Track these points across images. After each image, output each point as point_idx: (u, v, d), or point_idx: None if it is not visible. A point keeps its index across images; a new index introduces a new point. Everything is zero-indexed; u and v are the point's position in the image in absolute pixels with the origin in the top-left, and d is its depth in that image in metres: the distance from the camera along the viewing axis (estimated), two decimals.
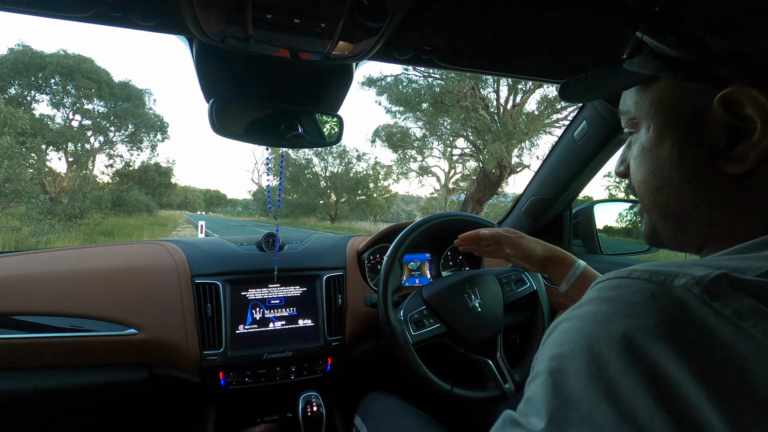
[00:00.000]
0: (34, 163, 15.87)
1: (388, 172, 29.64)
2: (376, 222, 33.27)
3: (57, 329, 0.88)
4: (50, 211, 12.25)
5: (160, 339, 0.92)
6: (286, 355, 1.02)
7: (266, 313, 1.05)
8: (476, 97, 13.55)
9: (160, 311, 0.94)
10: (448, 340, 0.93)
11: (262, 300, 1.05)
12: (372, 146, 26.47)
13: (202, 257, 1.05)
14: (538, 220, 1.34)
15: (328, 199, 33.51)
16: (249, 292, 1.04)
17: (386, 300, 0.89)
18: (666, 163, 0.35)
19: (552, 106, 14.27)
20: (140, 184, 23.22)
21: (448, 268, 1.32)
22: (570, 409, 0.24)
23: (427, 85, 13.72)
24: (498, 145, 13.15)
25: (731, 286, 0.24)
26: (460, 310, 0.93)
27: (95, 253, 1.05)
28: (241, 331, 1.01)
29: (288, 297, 1.08)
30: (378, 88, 14.87)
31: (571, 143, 1.09)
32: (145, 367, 0.94)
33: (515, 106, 14.48)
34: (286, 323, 1.06)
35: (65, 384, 0.88)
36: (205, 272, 1.02)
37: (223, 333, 0.98)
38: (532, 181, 1.31)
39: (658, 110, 0.36)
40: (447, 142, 18.08)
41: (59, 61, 17.43)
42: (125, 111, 19.53)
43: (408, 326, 0.89)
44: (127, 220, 17.13)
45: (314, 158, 31.57)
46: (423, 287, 0.98)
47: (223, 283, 1.01)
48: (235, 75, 0.75)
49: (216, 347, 0.97)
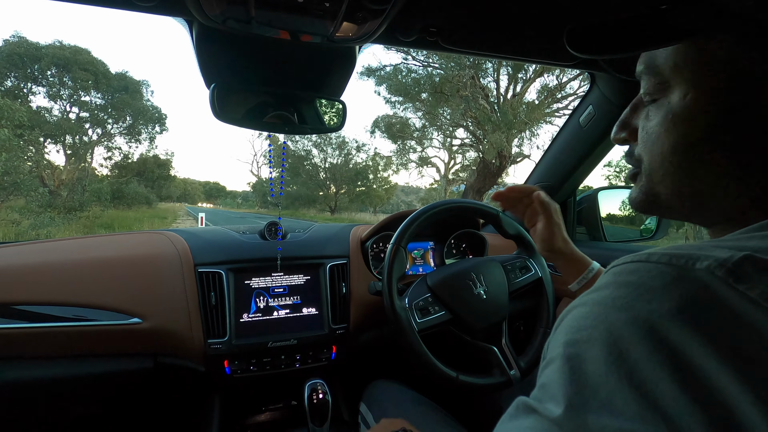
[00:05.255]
0: (32, 155, 15.82)
1: (388, 162, 29.55)
2: (376, 213, 33.25)
3: (59, 318, 0.88)
4: (50, 204, 12.23)
5: (164, 328, 0.92)
6: (291, 344, 1.02)
7: (270, 302, 1.04)
8: (476, 86, 13.46)
9: (164, 300, 0.94)
10: (453, 327, 0.93)
11: (265, 288, 1.05)
12: (371, 137, 26.41)
13: (204, 246, 1.05)
14: None
15: (327, 190, 33.47)
16: (252, 281, 1.04)
17: (391, 287, 0.88)
18: (703, 135, 0.32)
19: (552, 95, 14.19)
20: (139, 177, 23.15)
21: (451, 256, 1.31)
22: (589, 395, 0.23)
23: (426, 74, 13.62)
24: (498, 135, 13.09)
25: (756, 268, 0.23)
26: (465, 297, 0.92)
27: (97, 242, 1.04)
28: (246, 320, 1.01)
29: (292, 285, 1.08)
30: (377, 78, 14.78)
31: (576, 129, 1.07)
32: (149, 356, 0.94)
33: (515, 95, 14.40)
34: (291, 312, 1.06)
35: (69, 373, 0.87)
36: (208, 261, 1.01)
37: (227, 321, 0.97)
38: (536, 168, 1.30)
39: (704, 74, 0.32)
40: (447, 132, 18.00)
41: (55, 53, 17.26)
42: (123, 103, 19.40)
43: (413, 314, 0.88)
44: (127, 213, 17.11)
45: (313, 149, 31.49)
46: (428, 275, 0.98)
47: (227, 272, 1.00)
48: (237, 59, 0.74)
49: (220, 336, 0.97)
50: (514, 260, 1.03)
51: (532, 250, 1.04)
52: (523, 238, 1.04)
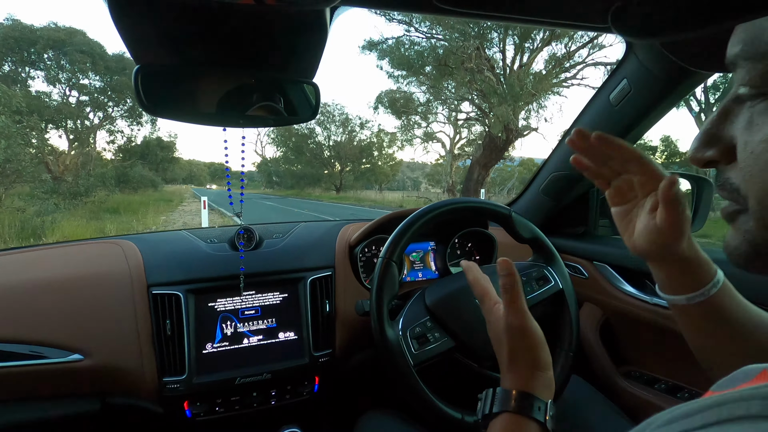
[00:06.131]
0: (35, 142, 15.71)
1: (392, 139, 29.23)
2: (382, 191, 33.11)
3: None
4: (54, 190, 12.19)
5: (111, 365, 0.77)
6: (264, 378, 0.87)
7: (239, 327, 0.88)
8: (481, 57, 13.11)
9: (110, 331, 0.79)
10: (457, 353, 0.77)
11: (233, 311, 0.88)
12: (375, 113, 25.95)
13: (161, 261, 0.89)
14: (560, 200, 1.15)
15: (332, 168, 33.34)
16: (218, 303, 0.88)
17: (381, 312, 0.73)
18: None
19: (561, 64, 13.83)
20: (143, 160, 23.08)
21: (455, 257, 1.15)
22: None
23: (429, 46, 13.28)
24: (504, 108, 12.85)
25: None
26: (471, 320, 0.77)
27: (40, 257, 0.89)
28: (209, 351, 0.85)
29: (265, 306, 0.91)
30: (379, 52, 14.49)
31: (605, 108, 0.89)
32: (96, 397, 0.79)
33: (522, 66, 14.06)
34: (264, 338, 0.90)
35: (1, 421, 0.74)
36: (164, 280, 0.85)
37: (186, 355, 0.82)
38: (553, 154, 1.11)
39: None
40: (452, 106, 17.73)
41: (50, 35, 16.95)
42: (122, 84, 19.13)
43: (408, 343, 0.73)
44: (133, 197, 17.10)
45: (317, 127, 31.24)
46: (426, 291, 0.82)
47: (186, 294, 0.84)
48: (173, 32, 0.56)
49: (178, 373, 0.81)
50: (530, 269, 0.86)
51: (551, 257, 0.87)
52: (541, 242, 0.87)
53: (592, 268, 1.10)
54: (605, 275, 1.07)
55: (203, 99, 0.62)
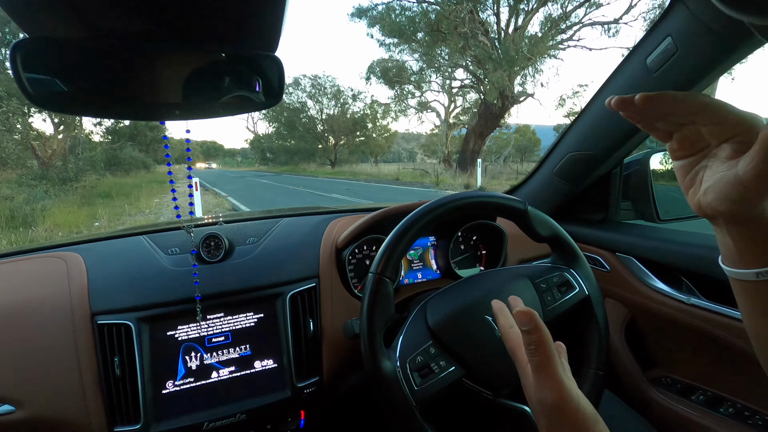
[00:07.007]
0: (19, 127, 15.23)
1: (386, 110, 28.61)
2: (377, 163, 32.74)
3: None
4: (43, 177, 11.90)
5: (49, 416, 0.63)
6: (239, 420, 0.73)
7: (206, 359, 0.74)
8: (475, 21, 12.68)
9: (46, 374, 0.65)
10: (468, 381, 0.64)
11: (198, 340, 0.74)
12: (367, 84, 25.28)
13: (109, 281, 0.73)
14: (577, 184, 1.01)
15: (326, 143, 32.90)
16: (179, 331, 0.73)
17: (374, 341, 0.59)
18: None
19: (557, 26, 13.43)
20: (132, 141, 22.54)
21: (459, 254, 1.00)
22: None
23: (421, 11, 12.82)
24: (500, 74, 12.54)
25: None
26: (484, 342, 0.63)
27: None
28: (171, 390, 0.71)
29: (237, 331, 0.77)
30: (369, 19, 14.02)
31: (641, 74, 0.73)
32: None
33: (517, 29, 13.66)
34: (237, 369, 0.76)
35: None
36: (112, 307, 0.70)
37: (140, 398, 0.68)
38: (570, 131, 0.96)
39: None
40: (445, 74, 17.33)
41: None
42: None
43: (408, 377, 0.59)
44: (125, 180, 16.79)
45: (309, 101, 30.62)
46: (428, 306, 0.68)
47: (138, 323, 0.70)
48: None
49: (131, 421, 0.67)
50: (549, 274, 0.73)
51: (575, 257, 0.74)
52: (562, 240, 0.73)
53: (615, 260, 0.96)
54: (631, 268, 0.93)
55: (121, 86, 0.46)
